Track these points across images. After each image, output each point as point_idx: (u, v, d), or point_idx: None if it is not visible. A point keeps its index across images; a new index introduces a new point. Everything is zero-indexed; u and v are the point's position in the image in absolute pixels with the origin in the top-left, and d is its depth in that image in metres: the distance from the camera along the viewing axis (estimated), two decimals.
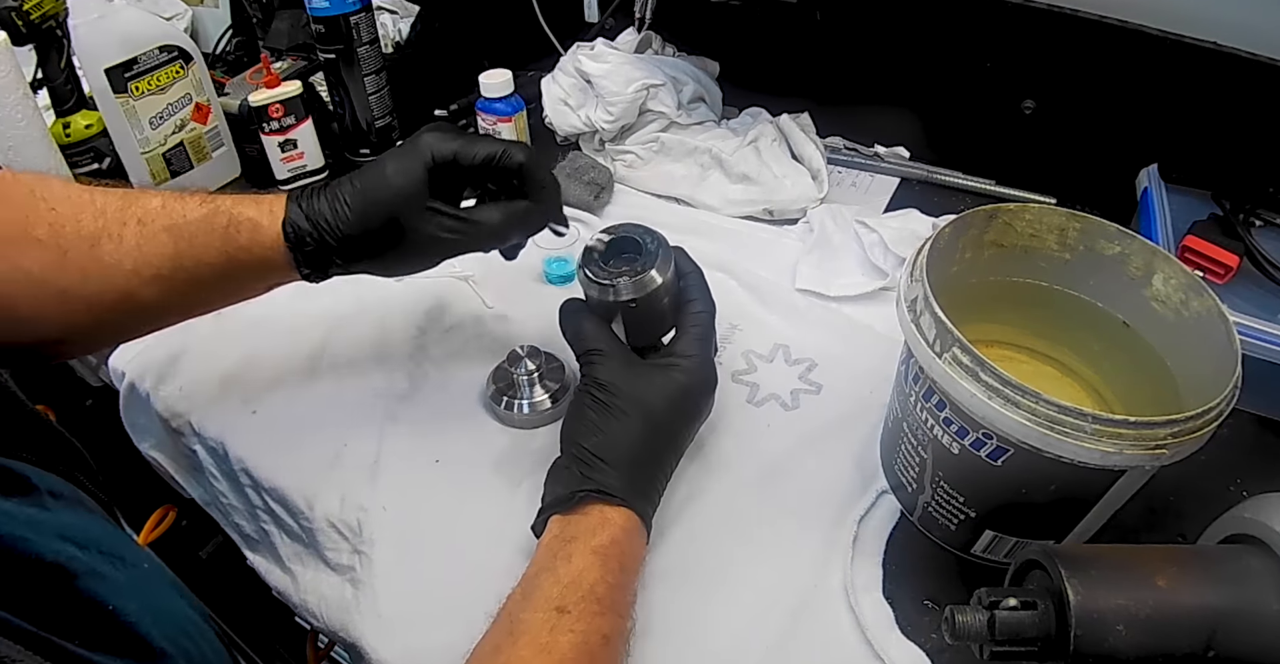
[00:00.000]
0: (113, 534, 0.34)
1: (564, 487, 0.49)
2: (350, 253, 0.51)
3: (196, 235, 0.48)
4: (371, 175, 0.50)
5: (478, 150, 0.50)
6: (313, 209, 0.49)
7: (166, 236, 0.48)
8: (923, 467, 0.50)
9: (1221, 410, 0.41)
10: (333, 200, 0.49)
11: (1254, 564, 0.39)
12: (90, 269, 0.47)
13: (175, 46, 0.80)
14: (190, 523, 0.93)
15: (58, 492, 0.34)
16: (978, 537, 0.50)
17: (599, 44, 0.88)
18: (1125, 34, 0.71)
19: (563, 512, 0.49)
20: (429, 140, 0.50)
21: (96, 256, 0.47)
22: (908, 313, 0.47)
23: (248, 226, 0.49)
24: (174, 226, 0.48)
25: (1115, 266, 0.52)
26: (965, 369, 0.42)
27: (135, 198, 0.50)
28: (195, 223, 0.49)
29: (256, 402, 0.63)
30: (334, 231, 0.49)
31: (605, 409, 0.51)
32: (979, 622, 0.37)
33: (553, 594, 0.44)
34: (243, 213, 0.49)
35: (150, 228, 0.48)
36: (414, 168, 0.49)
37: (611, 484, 0.49)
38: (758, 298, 0.72)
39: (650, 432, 0.51)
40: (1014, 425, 0.41)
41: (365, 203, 0.49)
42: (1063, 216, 0.52)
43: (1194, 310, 0.48)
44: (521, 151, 0.51)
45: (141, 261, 0.48)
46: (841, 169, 0.89)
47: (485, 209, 0.52)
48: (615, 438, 0.50)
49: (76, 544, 0.30)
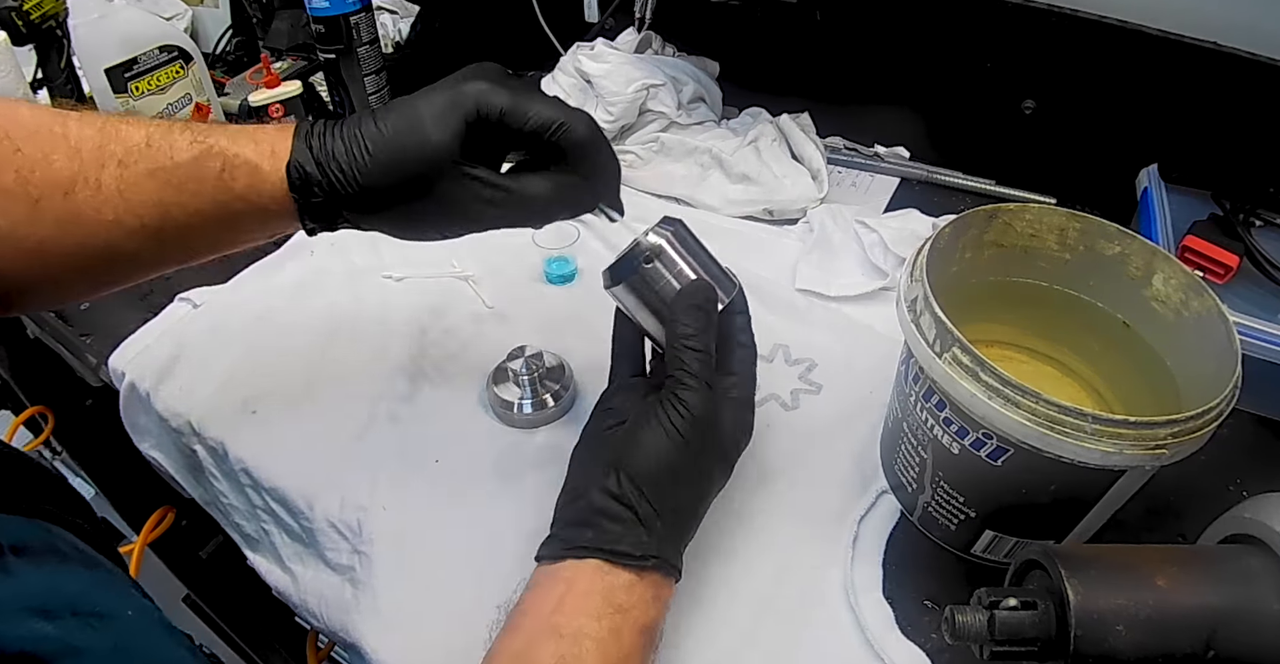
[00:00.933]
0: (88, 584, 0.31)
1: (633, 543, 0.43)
2: (365, 206, 0.43)
3: (186, 182, 0.42)
4: (402, 119, 0.42)
5: (531, 114, 0.42)
6: (325, 152, 0.42)
7: (151, 183, 0.42)
8: (923, 467, 0.50)
9: (1221, 410, 0.41)
10: (351, 143, 0.42)
11: (1254, 564, 0.39)
12: (66, 220, 0.41)
13: (175, 46, 0.80)
14: (190, 523, 0.93)
15: (21, 544, 0.30)
16: (978, 537, 0.50)
17: (599, 44, 0.88)
18: (1125, 34, 0.71)
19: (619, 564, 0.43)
20: (475, 90, 0.42)
21: (72, 206, 0.41)
22: (908, 313, 0.47)
23: (245, 171, 0.42)
24: (159, 170, 0.42)
25: (1115, 266, 0.52)
26: (965, 369, 0.42)
27: (115, 130, 0.43)
28: (184, 166, 0.42)
29: (256, 402, 0.63)
30: (349, 182, 0.41)
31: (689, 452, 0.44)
32: (979, 622, 0.37)
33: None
34: (240, 155, 0.42)
35: (132, 171, 0.41)
36: (453, 120, 0.41)
37: (674, 554, 0.44)
38: (758, 298, 0.72)
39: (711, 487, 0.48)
40: (1014, 425, 0.41)
41: (391, 152, 0.41)
42: (1063, 216, 0.52)
43: (1194, 310, 0.48)
44: (584, 125, 0.43)
45: (124, 211, 0.42)
46: (841, 169, 0.89)
47: (532, 180, 0.44)
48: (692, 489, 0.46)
49: (46, 615, 0.27)
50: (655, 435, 0.44)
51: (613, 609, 0.41)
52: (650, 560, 0.43)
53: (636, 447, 0.44)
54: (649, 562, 0.42)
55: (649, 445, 0.44)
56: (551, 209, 0.45)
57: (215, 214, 0.43)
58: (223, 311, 0.70)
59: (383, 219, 0.44)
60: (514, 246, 0.54)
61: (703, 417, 0.45)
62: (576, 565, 0.43)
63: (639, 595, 0.42)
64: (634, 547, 0.42)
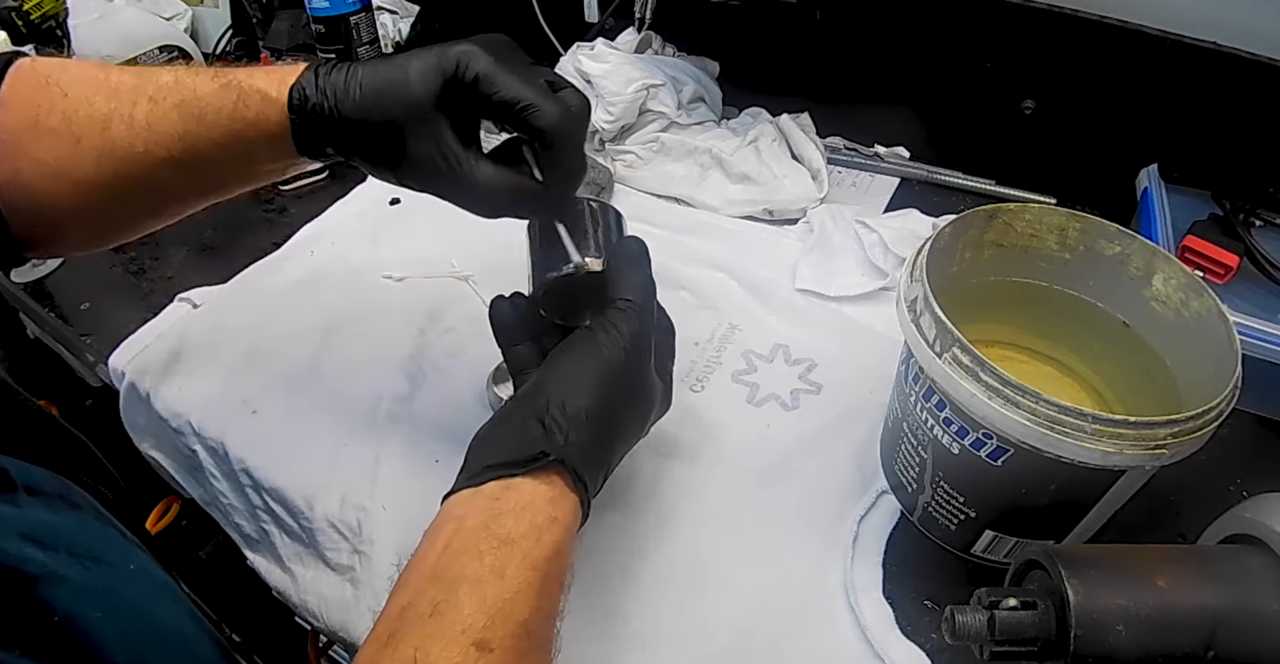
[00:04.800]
0: (93, 533, 0.32)
1: (519, 446, 0.41)
2: (346, 140, 0.45)
3: (206, 112, 0.44)
4: (392, 67, 0.44)
5: (504, 86, 0.42)
6: (327, 81, 0.44)
7: (177, 114, 0.44)
8: (923, 467, 0.50)
9: (1221, 410, 0.41)
10: (349, 78, 0.44)
11: (1254, 564, 0.39)
12: (104, 153, 0.45)
13: (175, 46, 0.80)
14: (190, 523, 0.93)
15: (37, 487, 0.32)
16: (978, 537, 0.50)
17: (599, 44, 0.88)
18: (1125, 34, 0.71)
19: (506, 474, 0.41)
20: (462, 51, 0.43)
21: (109, 139, 0.45)
22: (908, 313, 0.47)
23: (256, 98, 0.44)
24: (184, 103, 0.45)
25: (1115, 266, 0.52)
26: (965, 369, 0.42)
27: (150, 75, 0.46)
28: (206, 97, 0.45)
29: (256, 402, 0.63)
30: (335, 109, 0.43)
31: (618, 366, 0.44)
32: (979, 622, 0.37)
33: (475, 622, 0.35)
34: (253, 84, 0.45)
35: (161, 105, 0.45)
36: (433, 76, 0.42)
37: (578, 458, 0.42)
38: (758, 298, 0.72)
39: (633, 401, 0.46)
40: (1014, 425, 0.41)
41: (373, 92, 0.43)
42: (1063, 216, 0.52)
43: (1194, 310, 0.48)
44: (556, 115, 0.42)
45: (152, 141, 0.45)
46: (841, 169, 0.89)
47: (486, 165, 0.44)
48: (601, 401, 0.43)
49: (42, 545, 0.28)
50: (583, 352, 0.44)
51: (497, 542, 0.38)
52: (544, 459, 0.40)
53: (561, 363, 0.45)
54: (542, 461, 0.40)
55: (575, 361, 0.44)
56: (497, 201, 0.45)
57: (230, 143, 0.45)
58: (222, 311, 0.70)
59: (356, 153, 0.46)
60: (514, 246, 0.54)
61: (636, 335, 0.45)
62: (470, 496, 0.41)
63: (529, 523, 0.39)
64: (528, 446, 0.41)
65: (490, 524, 0.39)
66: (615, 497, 0.56)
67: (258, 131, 0.45)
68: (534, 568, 0.38)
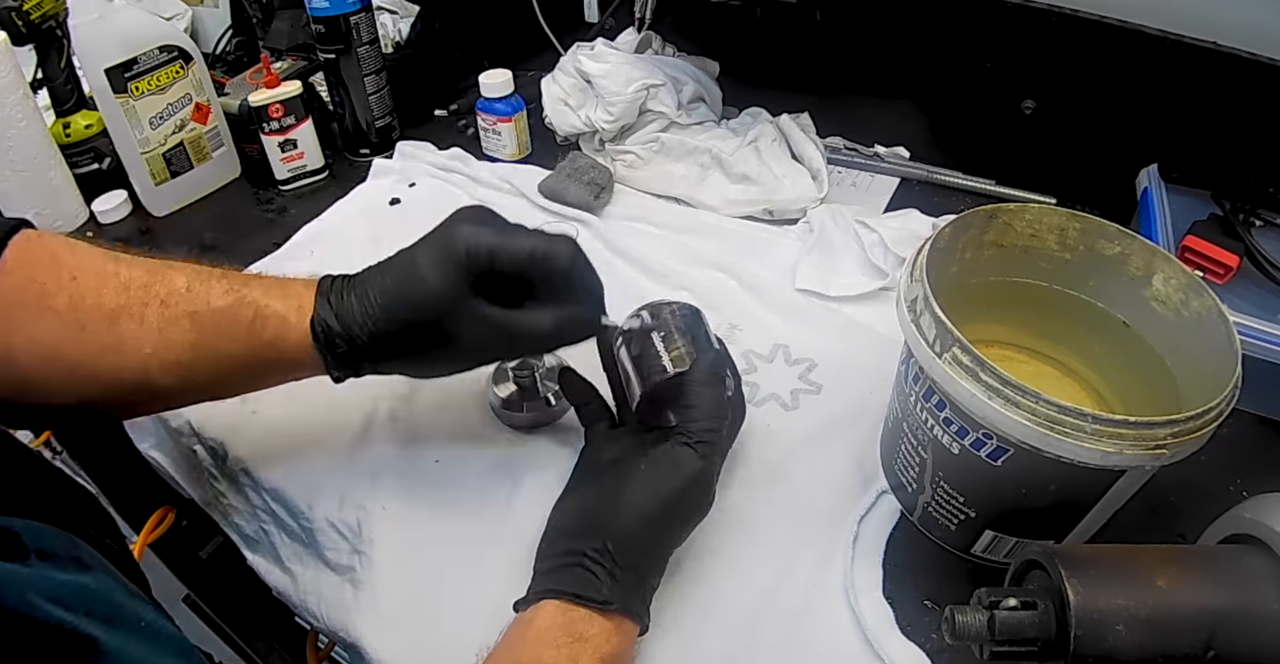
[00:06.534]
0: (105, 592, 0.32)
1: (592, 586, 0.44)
2: (383, 352, 0.47)
3: (220, 325, 0.46)
4: (404, 271, 0.46)
5: (515, 248, 0.46)
6: (342, 307, 0.46)
7: (189, 323, 0.45)
8: (923, 467, 0.50)
9: (1222, 410, 0.41)
10: (363, 299, 0.46)
11: (1254, 564, 0.39)
12: (108, 347, 0.45)
13: (175, 46, 0.80)
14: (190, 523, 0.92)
15: (49, 549, 0.32)
16: (978, 537, 0.50)
17: (599, 44, 0.88)
18: (1125, 34, 0.71)
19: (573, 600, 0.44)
20: (463, 233, 0.46)
21: (116, 335, 0.45)
22: (908, 313, 0.47)
23: (275, 322, 0.46)
24: (197, 313, 0.45)
25: (1115, 267, 0.52)
26: (965, 369, 0.42)
27: (161, 274, 0.47)
28: (220, 312, 0.46)
29: (256, 401, 0.63)
30: (362, 333, 0.46)
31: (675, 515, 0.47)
32: (979, 622, 0.37)
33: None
34: (270, 306, 0.46)
35: (173, 311, 0.45)
36: (447, 265, 0.45)
37: (638, 600, 0.46)
38: (758, 298, 0.72)
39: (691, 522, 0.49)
40: (1014, 425, 0.41)
41: (396, 302, 0.45)
42: (1063, 216, 0.52)
43: (1194, 310, 0.48)
44: (567, 252, 0.46)
45: (161, 345, 0.45)
46: (842, 169, 0.89)
47: (536, 314, 0.47)
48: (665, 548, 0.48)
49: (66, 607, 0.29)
50: (643, 496, 0.46)
51: (572, 638, 0.42)
52: (612, 605, 0.44)
53: (624, 506, 0.46)
54: (611, 606, 0.44)
55: (636, 505, 0.46)
56: (557, 339, 0.49)
57: (244, 358, 0.47)
58: None
59: (397, 363, 0.48)
60: None
61: (696, 480, 0.47)
62: (540, 605, 0.44)
63: (600, 626, 0.43)
64: (597, 593, 0.44)
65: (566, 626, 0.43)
66: None
67: (275, 352, 0.46)
68: (602, 660, 0.42)
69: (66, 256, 0.46)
